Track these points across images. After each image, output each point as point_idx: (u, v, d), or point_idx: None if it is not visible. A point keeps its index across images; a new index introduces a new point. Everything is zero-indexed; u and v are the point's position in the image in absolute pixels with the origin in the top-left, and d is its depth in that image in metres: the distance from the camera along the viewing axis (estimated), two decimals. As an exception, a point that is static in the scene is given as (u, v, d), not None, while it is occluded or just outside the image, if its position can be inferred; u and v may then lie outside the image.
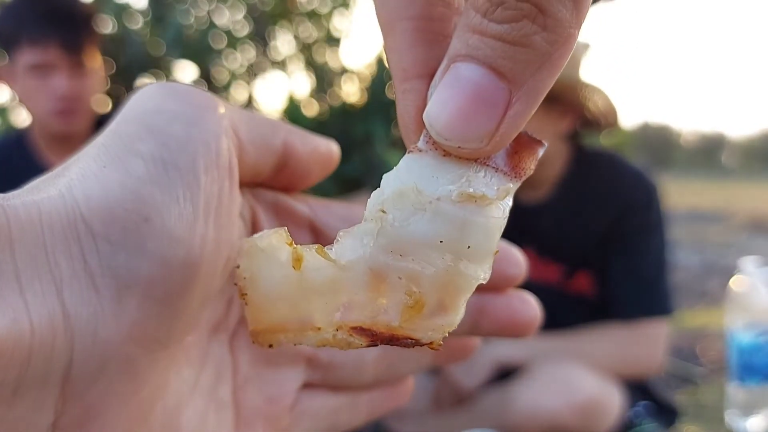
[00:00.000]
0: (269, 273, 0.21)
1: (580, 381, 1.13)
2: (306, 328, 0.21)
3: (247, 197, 0.25)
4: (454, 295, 0.20)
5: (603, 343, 1.22)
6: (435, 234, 0.20)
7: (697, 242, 8.28)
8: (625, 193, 1.29)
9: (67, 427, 0.19)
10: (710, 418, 1.61)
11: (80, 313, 0.18)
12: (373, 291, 0.20)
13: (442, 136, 0.19)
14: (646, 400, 1.37)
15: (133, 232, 0.19)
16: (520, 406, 1.13)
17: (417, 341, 0.20)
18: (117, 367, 0.19)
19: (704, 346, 2.33)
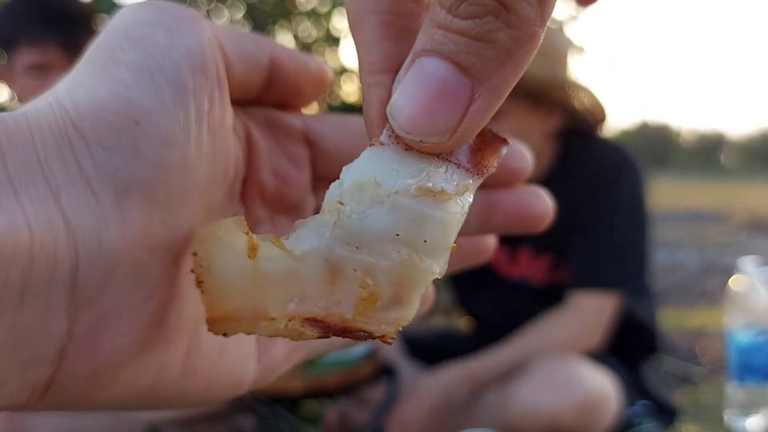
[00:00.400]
0: (224, 262, 0.21)
1: (580, 380, 1.13)
2: (260, 318, 0.21)
3: (239, 114, 0.25)
4: (409, 289, 0.20)
5: (542, 338, 1.21)
6: (392, 227, 0.20)
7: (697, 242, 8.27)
8: (595, 168, 1.28)
9: (81, 335, 0.19)
10: (709, 418, 1.62)
11: (81, 217, 0.18)
12: (328, 283, 0.20)
13: (404, 130, 0.19)
14: (645, 399, 1.37)
15: (125, 136, 0.19)
16: (519, 405, 1.13)
17: (370, 334, 0.20)
18: (125, 272, 0.19)
19: (703, 345, 2.33)
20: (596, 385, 1.16)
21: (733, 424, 1.51)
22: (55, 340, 0.18)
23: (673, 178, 18.56)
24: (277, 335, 0.21)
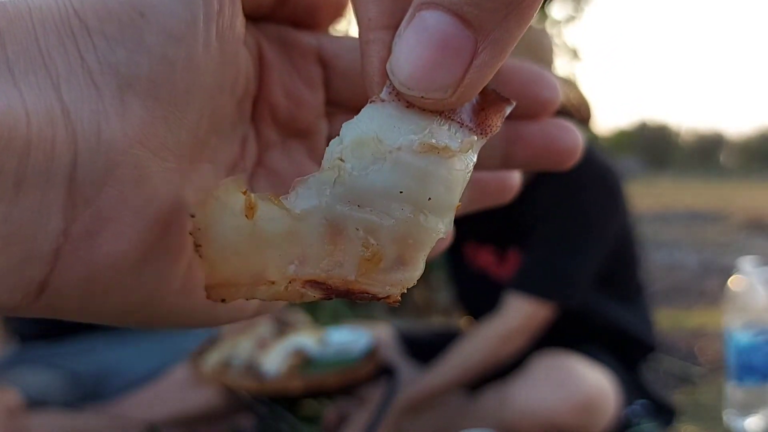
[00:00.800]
0: (222, 224, 0.20)
1: (578, 379, 1.14)
2: (259, 282, 0.20)
3: (251, 29, 0.24)
4: (413, 249, 0.20)
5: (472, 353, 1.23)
6: (394, 184, 0.19)
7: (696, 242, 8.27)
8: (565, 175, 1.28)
9: (77, 235, 0.18)
10: (708, 418, 1.62)
11: (81, 109, 0.18)
12: (329, 243, 0.20)
13: (405, 86, 0.19)
14: (643, 399, 1.37)
15: (129, 27, 0.19)
16: (517, 405, 1.14)
17: (374, 295, 0.20)
18: (126, 171, 0.19)
19: (702, 345, 2.33)
20: (594, 385, 1.16)
21: (732, 424, 1.51)
22: (51, 239, 0.18)
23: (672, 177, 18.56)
24: (278, 299, 0.20)
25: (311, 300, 0.20)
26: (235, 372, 1.00)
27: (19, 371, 1.34)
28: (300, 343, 1.03)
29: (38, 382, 1.31)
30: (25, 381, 1.29)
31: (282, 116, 0.25)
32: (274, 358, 1.00)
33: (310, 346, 1.03)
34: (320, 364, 1.02)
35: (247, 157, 0.24)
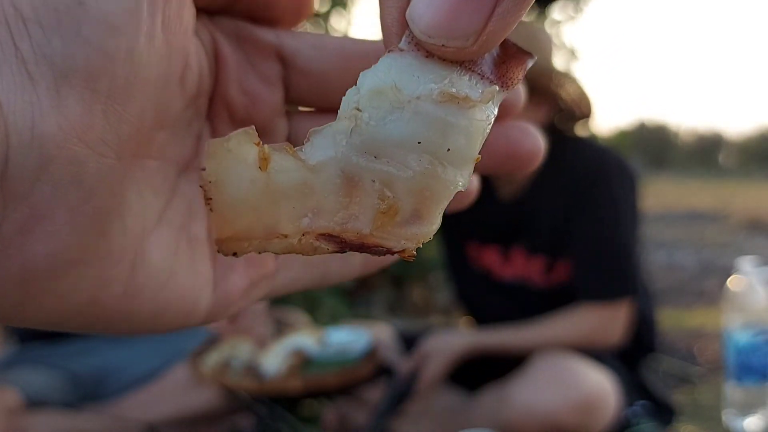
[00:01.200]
0: (235, 176, 0.19)
1: (578, 379, 1.13)
2: (272, 236, 0.20)
3: (206, 23, 0.23)
4: (431, 202, 0.19)
5: (559, 332, 1.23)
6: (413, 134, 0.18)
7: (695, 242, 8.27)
8: (582, 170, 1.28)
9: (9, 234, 0.17)
10: (708, 418, 1.62)
11: (13, 101, 0.17)
12: (345, 195, 0.19)
13: (425, 34, 0.18)
14: (643, 399, 1.37)
15: (66, 16, 0.18)
16: (517, 404, 1.13)
17: (389, 249, 0.19)
18: (61, 167, 0.18)
19: (702, 345, 2.33)
20: (595, 385, 1.16)
21: (731, 424, 1.51)
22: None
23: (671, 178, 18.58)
24: (290, 252, 0.20)
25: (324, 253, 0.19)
26: (235, 372, 1.00)
27: (18, 371, 1.34)
28: (299, 343, 1.03)
29: (38, 382, 1.31)
30: (25, 381, 1.29)
31: (238, 114, 0.24)
32: (273, 359, 1.00)
33: (310, 346, 1.03)
34: (319, 364, 1.02)
35: (201, 155, 0.23)
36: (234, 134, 0.19)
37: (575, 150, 1.34)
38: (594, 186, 1.26)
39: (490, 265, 1.40)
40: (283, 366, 1.00)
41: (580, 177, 1.27)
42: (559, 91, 1.24)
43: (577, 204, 1.26)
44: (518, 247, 1.36)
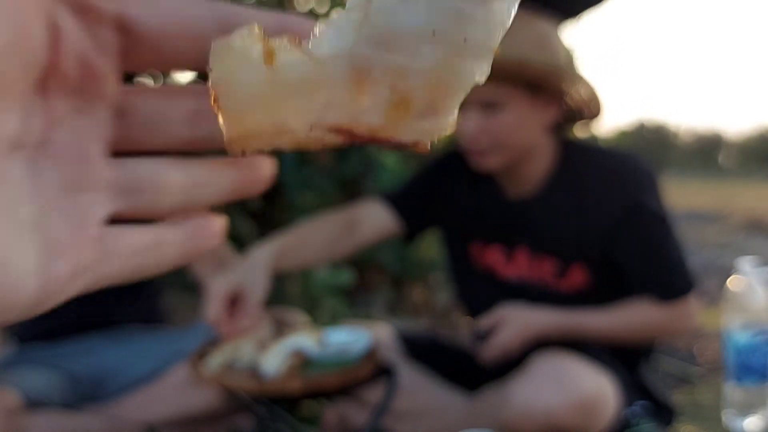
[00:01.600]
0: (240, 74, 0.18)
1: (578, 379, 1.13)
2: (281, 131, 0.19)
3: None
4: (446, 95, 0.18)
5: (644, 317, 1.24)
6: (427, 23, 0.17)
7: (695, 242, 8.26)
8: (613, 177, 1.28)
9: None
10: (707, 418, 1.62)
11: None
12: (355, 88, 0.18)
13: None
14: (643, 399, 1.37)
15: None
16: (517, 404, 1.13)
17: (402, 143, 0.19)
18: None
19: (701, 345, 2.33)
20: (594, 385, 1.16)
21: (731, 424, 1.51)
22: None
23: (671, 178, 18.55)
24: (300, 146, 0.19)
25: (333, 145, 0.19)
26: (234, 373, 1.00)
27: (17, 372, 1.34)
28: (299, 344, 1.02)
29: (37, 382, 1.31)
30: (24, 381, 1.29)
31: (72, 88, 0.23)
32: (272, 359, 1.00)
33: (309, 347, 1.03)
34: (319, 364, 1.01)
35: (31, 131, 0.22)
36: (238, 32, 0.19)
37: (590, 155, 1.33)
38: (643, 192, 1.26)
39: (494, 265, 1.40)
40: (283, 366, 1.00)
41: (618, 183, 1.27)
42: (569, 91, 1.23)
43: (619, 211, 1.25)
44: (522, 247, 1.36)
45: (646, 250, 1.25)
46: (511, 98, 1.21)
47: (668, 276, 1.25)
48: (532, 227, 1.33)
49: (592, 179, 1.29)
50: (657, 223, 1.26)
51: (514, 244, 1.36)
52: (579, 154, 1.32)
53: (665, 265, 1.25)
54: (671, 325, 1.26)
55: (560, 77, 1.19)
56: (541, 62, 1.17)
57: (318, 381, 0.97)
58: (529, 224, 1.34)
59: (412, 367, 1.44)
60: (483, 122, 1.22)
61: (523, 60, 1.15)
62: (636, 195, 1.26)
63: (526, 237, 1.34)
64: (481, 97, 1.21)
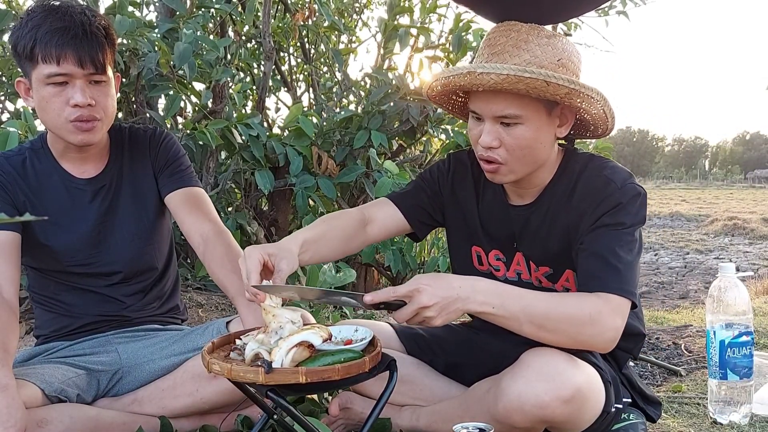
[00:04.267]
0: None
1: (568, 374, 1.12)
2: None
3: None
4: None
5: (575, 309, 1.13)
6: None
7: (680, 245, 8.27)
8: (604, 192, 1.22)
9: None
10: (693, 413, 1.61)
11: None
12: None
13: None
14: (630, 394, 1.37)
15: None
16: (508, 398, 1.12)
17: None
18: None
19: (686, 342, 2.33)
20: (583, 380, 1.15)
21: (716, 419, 1.51)
22: None
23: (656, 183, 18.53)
24: None
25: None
26: (244, 366, 1.00)
27: (37, 366, 1.34)
28: (305, 339, 1.02)
29: (56, 377, 1.31)
30: (43, 376, 1.29)
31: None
32: (279, 353, 1.00)
33: (316, 341, 1.03)
34: (324, 358, 1.01)
35: None
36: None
37: (585, 165, 1.29)
38: (623, 208, 1.21)
39: (494, 268, 1.39)
40: (289, 359, 1.00)
41: (606, 198, 1.22)
42: (588, 108, 1.21)
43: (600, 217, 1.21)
44: (519, 254, 1.35)
45: (598, 250, 1.19)
46: (531, 113, 1.19)
47: (606, 274, 1.17)
48: (529, 235, 1.32)
49: (581, 189, 1.27)
50: (619, 231, 1.20)
51: (513, 252, 1.36)
52: (576, 163, 1.31)
53: (609, 266, 1.17)
54: (593, 316, 1.12)
55: (580, 95, 1.19)
56: (564, 80, 1.14)
57: (323, 374, 0.97)
58: (526, 231, 1.33)
59: (411, 362, 1.44)
60: (501, 134, 1.20)
61: (547, 78, 1.13)
62: (613, 205, 1.22)
63: (524, 245, 1.34)
64: (504, 111, 1.19)
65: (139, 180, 1.48)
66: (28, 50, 1.28)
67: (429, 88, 1.30)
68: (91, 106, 1.31)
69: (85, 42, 1.28)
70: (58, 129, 1.33)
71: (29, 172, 1.40)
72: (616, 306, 1.15)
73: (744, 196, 18.65)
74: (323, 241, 1.30)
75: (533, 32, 1.21)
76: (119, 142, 1.49)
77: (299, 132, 2.75)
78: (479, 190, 1.40)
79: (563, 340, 1.14)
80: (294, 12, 3.32)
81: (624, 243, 1.19)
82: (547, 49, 1.19)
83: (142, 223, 1.48)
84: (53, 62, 1.27)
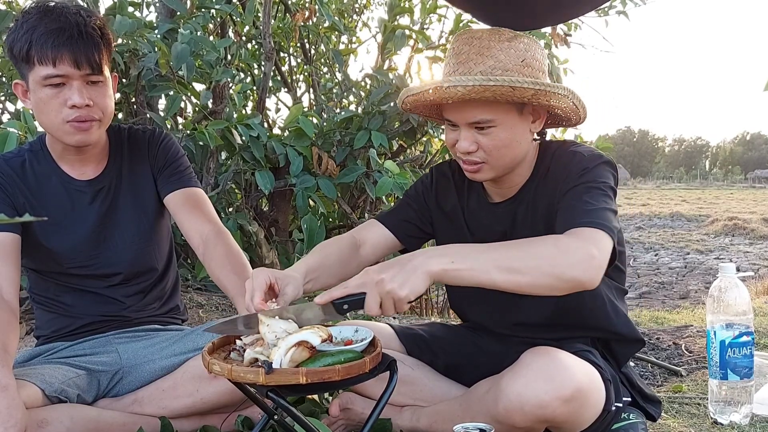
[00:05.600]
0: None
1: (568, 373, 1.12)
2: None
3: None
4: None
5: (539, 246, 1.09)
6: None
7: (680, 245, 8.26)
8: (571, 164, 1.24)
9: None
10: (694, 413, 1.61)
11: None
12: None
13: None
14: (631, 393, 1.37)
15: None
16: (508, 397, 1.12)
17: None
18: None
19: (688, 342, 2.33)
20: (584, 379, 1.15)
21: (717, 419, 1.51)
22: None
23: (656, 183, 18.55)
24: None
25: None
26: (244, 366, 1.00)
27: (37, 367, 1.34)
28: (304, 338, 1.02)
29: (56, 377, 1.30)
30: (44, 376, 1.29)
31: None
32: (279, 353, 1.00)
33: (315, 342, 1.03)
34: (324, 358, 1.01)
35: None
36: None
37: (558, 148, 1.31)
38: (592, 168, 1.21)
39: None
40: (289, 360, 1.00)
41: (574, 167, 1.23)
42: (557, 104, 1.23)
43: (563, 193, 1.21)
44: None
45: (566, 204, 1.18)
46: (502, 116, 1.21)
47: (574, 213, 1.14)
48: (518, 227, 1.33)
49: (553, 168, 1.28)
50: (587, 185, 1.19)
51: None
52: (548, 150, 1.32)
53: (581, 208, 1.15)
54: (562, 246, 1.07)
55: (547, 94, 1.19)
56: (528, 83, 1.17)
57: (323, 374, 0.96)
58: (515, 225, 1.33)
59: (412, 363, 1.44)
60: (477, 138, 1.23)
61: (512, 84, 1.15)
62: (580, 170, 1.22)
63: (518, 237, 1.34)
64: (476, 118, 1.21)
65: (139, 181, 1.48)
66: (24, 52, 1.28)
67: (402, 103, 1.32)
68: (88, 107, 1.31)
69: (81, 43, 1.28)
70: (56, 130, 1.33)
71: (28, 173, 1.40)
72: (588, 236, 1.09)
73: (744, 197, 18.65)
74: (322, 269, 1.32)
75: (494, 37, 1.23)
76: (118, 143, 1.49)
77: (299, 132, 2.75)
78: (463, 197, 1.42)
79: (541, 280, 1.06)
80: (294, 12, 3.32)
81: (593, 195, 1.17)
82: (510, 52, 1.21)
83: (142, 224, 1.48)
84: (49, 64, 1.27)
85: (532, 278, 1.05)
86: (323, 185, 2.75)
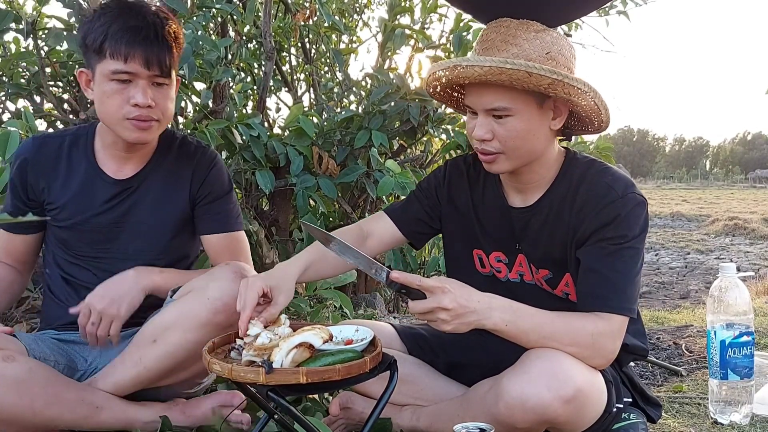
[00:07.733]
0: None
1: (569, 374, 1.12)
2: None
3: None
4: None
5: (579, 330, 1.17)
6: None
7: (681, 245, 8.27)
8: (604, 198, 1.23)
9: None
10: (694, 413, 1.61)
11: None
12: None
13: None
14: (631, 393, 1.37)
15: None
16: (510, 398, 1.12)
17: None
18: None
19: (688, 342, 2.33)
20: (585, 379, 1.15)
21: (717, 419, 1.51)
22: None
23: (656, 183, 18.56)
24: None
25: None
26: (243, 366, 1.00)
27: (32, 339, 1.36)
28: (306, 339, 1.02)
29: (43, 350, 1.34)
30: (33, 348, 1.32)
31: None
32: (280, 353, 1.00)
33: (317, 343, 1.03)
34: (324, 358, 1.01)
35: None
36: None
37: (587, 169, 1.29)
38: (626, 219, 1.21)
39: (496, 269, 1.39)
40: (289, 360, 1.00)
41: (607, 205, 1.22)
42: (577, 100, 1.21)
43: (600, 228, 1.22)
44: (521, 253, 1.35)
45: (599, 267, 1.21)
46: (520, 106, 1.20)
47: (607, 292, 1.19)
48: (529, 236, 1.32)
49: (583, 194, 1.26)
50: (619, 244, 1.21)
51: (515, 253, 1.36)
52: (576, 168, 1.31)
53: (609, 283, 1.20)
54: (595, 340, 1.16)
55: (565, 86, 1.19)
56: (546, 71, 1.16)
57: (323, 374, 0.97)
58: (526, 233, 1.33)
59: (412, 362, 1.44)
60: (493, 127, 1.23)
61: (528, 69, 1.14)
62: (613, 217, 1.22)
63: (525, 246, 1.34)
64: (493, 104, 1.21)
65: (169, 195, 1.45)
66: (98, 44, 1.29)
67: (425, 85, 1.34)
68: (150, 108, 1.32)
69: (155, 44, 1.30)
70: (115, 125, 1.34)
71: (63, 154, 1.43)
72: (617, 328, 1.19)
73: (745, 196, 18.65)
74: (324, 261, 1.35)
75: (522, 27, 1.23)
76: (165, 149, 1.47)
77: (300, 132, 2.75)
78: (478, 192, 1.41)
79: (566, 350, 1.17)
80: (295, 12, 3.32)
81: (626, 257, 1.21)
82: (535, 43, 1.21)
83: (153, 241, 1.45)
84: (121, 59, 1.28)
85: (559, 347, 1.16)
86: (324, 185, 2.75)
